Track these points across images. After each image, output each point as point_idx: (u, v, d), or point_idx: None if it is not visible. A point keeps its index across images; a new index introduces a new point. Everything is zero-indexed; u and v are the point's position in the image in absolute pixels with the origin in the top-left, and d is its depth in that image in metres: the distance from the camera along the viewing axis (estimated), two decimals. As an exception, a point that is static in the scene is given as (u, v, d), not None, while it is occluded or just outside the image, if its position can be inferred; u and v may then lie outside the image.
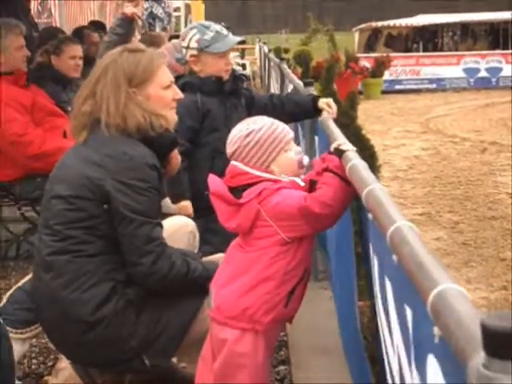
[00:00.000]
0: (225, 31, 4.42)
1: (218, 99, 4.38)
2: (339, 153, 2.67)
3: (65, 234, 2.98)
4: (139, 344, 3.02)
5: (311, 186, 2.76)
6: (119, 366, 3.12)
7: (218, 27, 4.40)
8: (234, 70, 4.64)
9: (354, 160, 2.49)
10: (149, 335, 3.03)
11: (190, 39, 4.32)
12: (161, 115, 3.09)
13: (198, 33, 4.36)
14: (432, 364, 1.37)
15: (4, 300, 3.69)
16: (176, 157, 3.33)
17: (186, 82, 4.29)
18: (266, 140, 2.76)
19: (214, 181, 2.77)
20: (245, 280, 2.69)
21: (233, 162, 2.77)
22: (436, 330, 1.27)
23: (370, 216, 2.12)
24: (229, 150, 2.80)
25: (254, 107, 4.47)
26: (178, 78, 4.16)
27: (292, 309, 2.80)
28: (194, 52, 4.33)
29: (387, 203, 1.90)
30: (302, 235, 2.71)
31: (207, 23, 4.53)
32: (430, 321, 1.30)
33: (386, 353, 2.30)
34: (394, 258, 1.69)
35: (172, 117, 3.19)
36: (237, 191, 2.70)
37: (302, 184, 2.78)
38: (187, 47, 4.34)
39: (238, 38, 4.49)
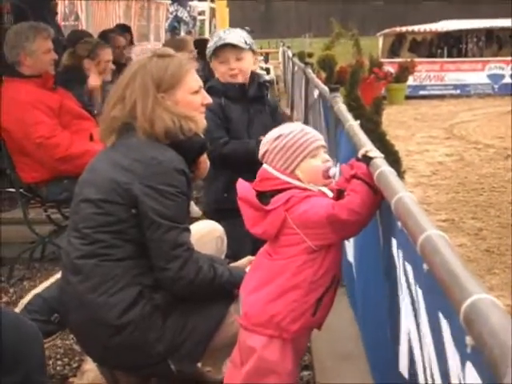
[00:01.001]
0: (229, 34, 4.45)
1: (241, 105, 4.43)
2: (367, 160, 2.67)
3: (93, 238, 3.01)
4: (165, 349, 3.03)
5: (339, 196, 2.75)
6: (145, 369, 3.14)
7: (225, 32, 4.46)
8: (258, 76, 4.68)
9: (383, 167, 2.49)
10: (175, 340, 3.04)
11: (208, 47, 4.46)
12: (190, 118, 3.11)
13: (212, 40, 4.48)
14: (467, 373, 1.37)
15: (21, 306, 3.70)
16: (205, 161, 3.34)
17: (212, 86, 4.35)
18: (293, 144, 2.76)
19: (242, 185, 2.77)
20: (272, 288, 2.69)
21: (264, 166, 2.78)
22: (468, 340, 1.28)
23: (399, 224, 2.12)
24: (260, 152, 2.82)
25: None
26: (205, 82, 4.20)
27: (320, 317, 2.80)
28: (208, 56, 4.48)
29: (417, 211, 1.90)
30: (328, 243, 2.71)
31: (220, 30, 4.61)
32: (462, 330, 1.31)
33: (413, 366, 2.30)
34: (425, 266, 1.69)
35: (201, 121, 3.21)
36: (264, 196, 2.70)
37: (331, 195, 2.77)
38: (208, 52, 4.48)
39: (225, 41, 4.45)
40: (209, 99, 3.27)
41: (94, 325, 3.02)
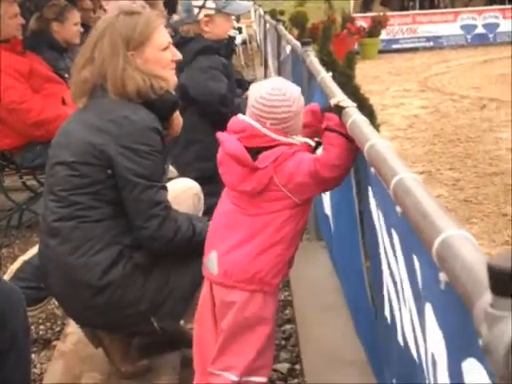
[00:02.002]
0: (243, 3, 4.46)
1: (228, 61, 4.45)
2: (339, 110, 2.67)
3: (70, 200, 2.99)
4: (148, 307, 3.04)
5: (317, 146, 2.77)
6: (128, 328, 3.15)
7: None
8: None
9: (355, 116, 2.49)
10: (157, 298, 3.05)
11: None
12: (161, 77, 3.08)
13: None
14: (436, 310, 1.38)
15: (11, 273, 3.69)
16: (177, 118, 3.31)
17: (208, 45, 4.30)
18: (297, 111, 2.69)
19: (230, 141, 2.68)
20: (255, 243, 2.69)
21: (251, 122, 2.67)
22: (442, 276, 1.28)
23: (372, 170, 2.12)
24: (255, 110, 2.67)
25: None
26: (189, 41, 4.17)
27: (291, 267, 2.84)
28: (211, 12, 4.34)
29: (389, 156, 1.90)
30: (311, 196, 2.75)
31: None
32: (435, 268, 1.32)
33: (392, 309, 2.32)
34: (398, 209, 1.70)
35: (172, 78, 3.19)
36: (251, 152, 2.66)
37: (313, 144, 2.78)
38: (202, 6, 4.34)
39: (250, 3, 4.52)
40: (178, 55, 3.23)
41: (75, 287, 3.02)
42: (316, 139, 2.79)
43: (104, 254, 2.99)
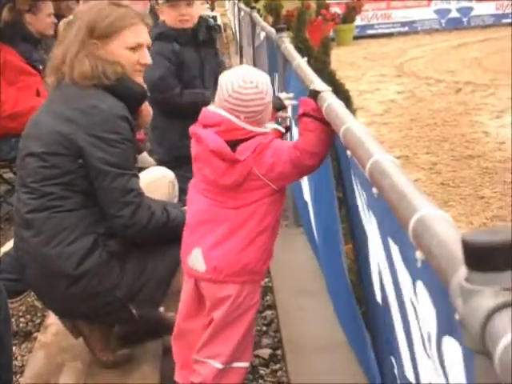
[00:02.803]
0: None
1: (193, 49, 4.42)
2: (315, 94, 2.67)
3: (42, 191, 2.98)
4: (125, 294, 3.04)
5: (287, 131, 2.79)
6: (107, 317, 3.15)
7: None
8: (205, 20, 4.66)
9: (330, 99, 2.49)
10: (134, 285, 3.05)
11: None
12: (117, 62, 3.04)
13: None
14: (419, 290, 1.39)
15: None
16: (147, 109, 3.30)
17: (162, 32, 4.31)
18: (269, 101, 2.71)
19: (211, 137, 2.65)
20: (242, 235, 2.69)
21: (226, 115, 2.66)
22: (418, 254, 1.29)
23: (348, 153, 2.13)
24: (229, 104, 2.66)
25: None
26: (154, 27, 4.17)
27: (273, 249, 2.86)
28: (160, 1, 4.42)
29: (365, 138, 1.91)
30: (289, 182, 2.75)
31: None
32: (412, 246, 1.33)
33: (373, 291, 2.33)
34: (374, 190, 1.70)
35: (136, 79, 3.16)
36: (228, 145, 2.65)
37: (283, 130, 2.79)
38: None
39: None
40: (148, 60, 3.18)
41: (52, 277, 3.02)
42: (284, 125, 2.81)
43: (79, 243, 2.98)
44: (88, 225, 2.99)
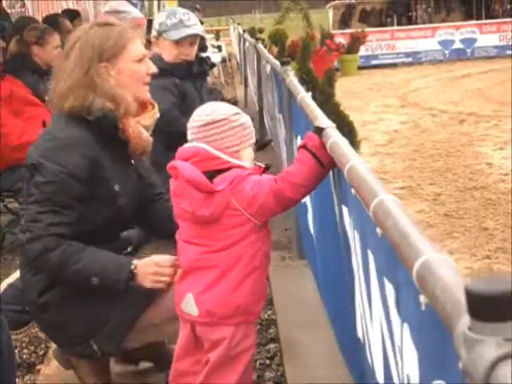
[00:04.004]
0: (191, 21, 4.47)
1: (189, 82, 4.47)
2: (319, 131, 2.68)
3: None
4: (86, 330, 3.05)
5: (265, 170, 2.78)
6: (72, 349, 3.17)
7: (184, 16, 4.46)
8: (197, 53, 4.72)
9: (335, 137, 2.51)
10: (95, 321, 3.05)
11: (156, 21, 4.44)
12: (113, 98, 3.00)
13: (164, 16, 4.46)
14: (414, 331, 1.40)
15: None
16: (136, 138, 3.12)
17: (161, 68, 4.33)
18: (245, 128, 2.74)
19: (186, 167, 2.65)
20: (231, 278, 2.68)
21: (202, 146, 2.67)
22: (422, 298, 1.30)
23: (352, 191, 2.14)
24: (200, 133, 2.70)
25: None
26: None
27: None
28: (155, 34, 4.44)
29: (369, 177, 1.93)
30: (271, 216, 2.73)
31: (178, 10, 4.59)
32: (415, 290, 1.34)
33: (366, 328, 2.34)
34: (378, 231, 1.72)
35: (144, 93, 3.14)
36: (206, 177, 2.65)
37: (263, 166, 2.78)
38: (149, 27, 4.46)
39: (195, 31, 4.49)
40: (154, 68, 3.19)
41: (27, 303, 3.16)
42: (265, 163, 2.80)
43: (42, 275, 3.03)
44: None
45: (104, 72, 3.00)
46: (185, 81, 4.44)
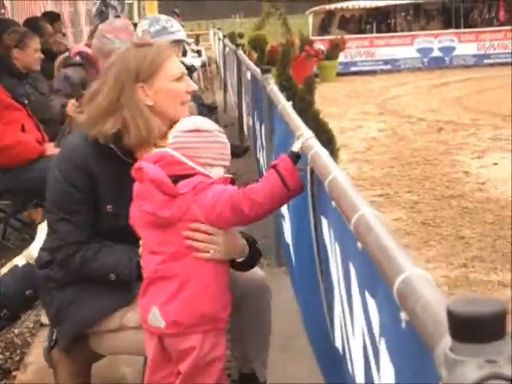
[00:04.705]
0: (174, 28, 4.48)
1: None
2: (293, 155, 2.64)
3: None
4: (54, 315, 3.13)
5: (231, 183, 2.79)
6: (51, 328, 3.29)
7: (167, 23, 4.47)
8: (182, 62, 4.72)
9: (316, 148, 2.52)
10: (60, 313, 3.09)
11: (139, 28, 4.44)
12: (150, 123, 2.94)
13: (147, 24, 4.46)
14: (397, 349, 1.41)
15: None
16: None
17: None
18: (225, 148, 2.75)
19: (151, 167, 2.65)
20: (194, 285, 2.67)
21: (169, 151, 2.70)
22: (403, 315, 1.31)
23: (332, 203, 2.15)
24: (179, 137, 2.72)
25: None
26: None
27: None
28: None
29: (350, 190, 1.94)
30: (229, 227, 2.74)
31: (162, 17, 4.61)
32: (396, 306, 1.35)
33: (347, 341, 2.35)
34: (359, 244, 1.73)
35: (182, 113, 3.00)
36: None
37: (229, 178, 2.79)
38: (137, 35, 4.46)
39: (179, 37, 4.53)
40: (194, 86, 3.14)
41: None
42: (231, 175, 2.80)
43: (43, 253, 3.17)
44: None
45: (141, 93, 2.93)
46: None
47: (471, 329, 0.96)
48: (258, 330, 3.27)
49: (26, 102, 5.51)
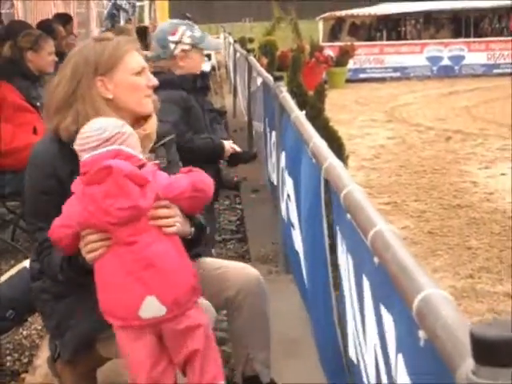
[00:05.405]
0: (211, 39, 4.65)
1: (193, 96, 4.48)
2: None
3: None
4: (54, 327, 3.06)
5: None
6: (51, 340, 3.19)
7: (200, 32, 4.58)
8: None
9: (330, 159, 2.53)
10: (62, 324, 3.02)
11: (183, 34, 4.40)
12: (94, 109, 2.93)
13: (187, 29, 4.44)
14: (415, 366, 1.42)
15: None
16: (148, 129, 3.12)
17: (168, 79, 4.32)
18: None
19: (122, 163, 2.65)
20: (174, 261, 2.70)
21: (119, 147, 2.71)
22: (421, 334, 1.32)
23: (348, 216, 2.16)
24: (116, 132, 2.74)
25: None
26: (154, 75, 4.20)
27: None
28: (186, 47, 4.42)
29: (367, 205, 1.95)
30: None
31: (189, 22, 4.63)
32: (414, 323, 1.36)
33: (360, 352, 2.36)
34: (376, 260, 1.74)
35: (145, 106, 3.04)
36: None
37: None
38: (179, 42, 4.40)
39: (220, 41, 4.69)
40: (154, 81, 3.12)
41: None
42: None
43: (35, 264, 3.08)
44: None
45: (100, 86, 2.95)
46: (190, 94, 4.46)
47: (495, 353, 0.97)
48: (257, 329, 3.26)
49: (39, 104, 5.52)
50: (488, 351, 0.97)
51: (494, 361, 0.97)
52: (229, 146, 4.65)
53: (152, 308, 2.66)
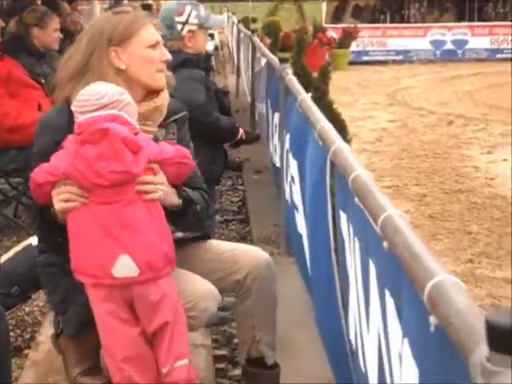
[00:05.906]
0: (216, 17, 4.66)
1: (206, 75, 4.52)
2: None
3: None
4: (58, 303, 3.07)
5: None
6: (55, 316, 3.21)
7: (206, 11, 4.57)
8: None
9: (338, 142, 2.54)
10: (66, 299, 3.02)
11: (189, 15, 4.38)
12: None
13: (193, 9, 4.43)
14: (424, 352, 1.44)
15: None
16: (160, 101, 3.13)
17: (187, 58, 4.35)
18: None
19: (119, 127, 2.66)
20: (153, 227, 2.70)
21: (117, 112, 2.72)
22: (432, 319, 1.34)
23: (355, 200, 2.16)
24: (115, 99, 2.74)
25: None
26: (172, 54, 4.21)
27: None
28: (193, 28, 4.40)
29: (375, 190, 1.96)
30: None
31: (192, 1, 4.58)
32: (424, 309, 1.37)
33: (360, 336, 2.37)
34: (385, 244, 1.75)
35: (159, 81, 3.05)
36: None
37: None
38: (185, 22, 4.39)
39: (224, 18, 4.69)
40: (168, 56, 3.13)
41: None
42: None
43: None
44: None
45: (114, 56, 2.95)
46: (206, 73, 4.50)
47: (510, 340, 0.98)
48: (265, 311, 3.28)
49: (43, 81, 5.52)
50: (503, 338, 0.98)
51: (509, 348, 0.98)
52: (242, 130, 4.69)
53: (125, 267, 2.65)
